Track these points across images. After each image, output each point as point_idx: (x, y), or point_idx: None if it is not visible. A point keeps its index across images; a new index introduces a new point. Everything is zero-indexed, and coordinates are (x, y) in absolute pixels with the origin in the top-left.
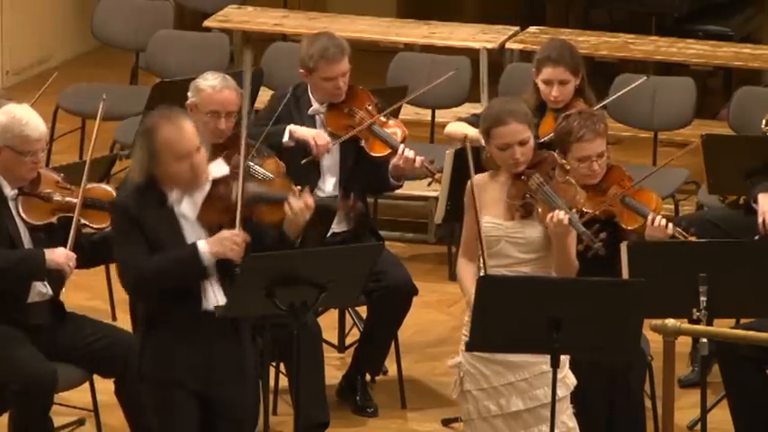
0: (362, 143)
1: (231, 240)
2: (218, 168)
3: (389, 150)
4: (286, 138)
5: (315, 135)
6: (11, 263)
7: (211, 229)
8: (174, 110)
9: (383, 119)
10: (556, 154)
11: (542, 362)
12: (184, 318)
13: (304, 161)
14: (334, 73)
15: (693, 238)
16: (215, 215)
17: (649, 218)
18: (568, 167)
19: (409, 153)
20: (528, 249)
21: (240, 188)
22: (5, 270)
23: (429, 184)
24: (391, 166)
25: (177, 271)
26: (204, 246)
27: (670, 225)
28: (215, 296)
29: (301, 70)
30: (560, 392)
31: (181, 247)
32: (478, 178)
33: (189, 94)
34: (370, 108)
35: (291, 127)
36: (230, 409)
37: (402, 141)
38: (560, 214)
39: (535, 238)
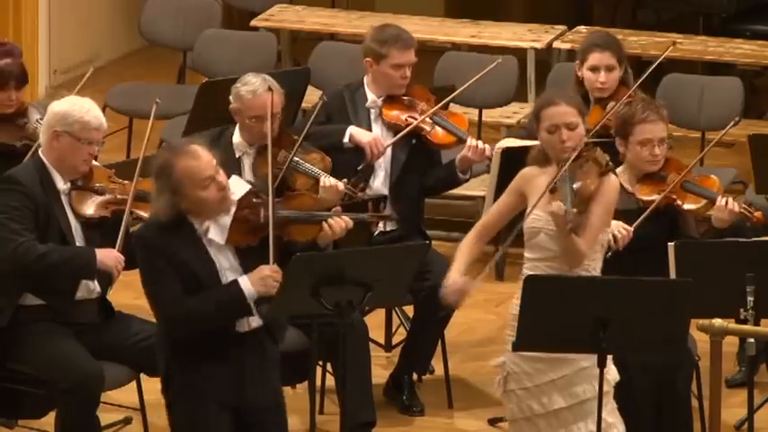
0: (424, 133)
1: (272, 278)
2: (237, 186)
3: (454, 139)
4: (346, 139)
5: (371, 142)
6: (62, 259)
7: (240, 251)
8: (180, 142)
9: (445, 110)
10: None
11: (582, 358)
12: (217, 338)
13: (360, 167)
14: (406, 59)
15: (758, 214)
16: (243, 237)
17: (720, 201)
18: (604, 167)
19: (478, 143)
20: None
21: (271, 210)
22: (56, 266)
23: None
24: (459, 159)
25: (221, 313)
26: (248, 285)
27: (736, 204)
28: (248, 320)
29: (367, 59)
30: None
31: (219, 285)
32: (529, 169)
33: (230, 98)
34: (429, 100)
35: (352, 129)
36: (262, 414)
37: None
38: (560, 204)
39: None
